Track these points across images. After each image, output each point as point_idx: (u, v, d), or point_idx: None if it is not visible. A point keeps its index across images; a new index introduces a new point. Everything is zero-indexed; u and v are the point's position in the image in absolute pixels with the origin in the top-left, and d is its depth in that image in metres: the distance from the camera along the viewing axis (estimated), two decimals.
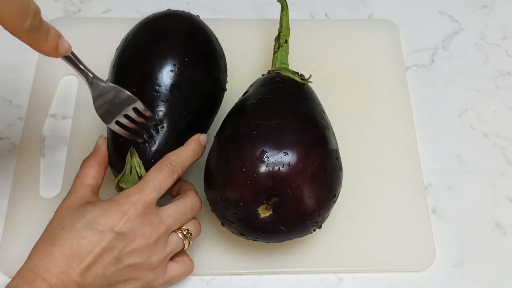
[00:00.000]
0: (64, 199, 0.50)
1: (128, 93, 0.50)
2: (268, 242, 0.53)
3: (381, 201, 0.60)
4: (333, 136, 0.53)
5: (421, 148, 0.64)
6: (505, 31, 0.74)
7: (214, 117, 0.59)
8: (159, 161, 0.51)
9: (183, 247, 0.52)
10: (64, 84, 0.67)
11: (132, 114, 0.51)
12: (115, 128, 0.51)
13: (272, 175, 0.48)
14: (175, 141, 0.53)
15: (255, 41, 0.70)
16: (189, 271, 0.54)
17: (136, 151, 0.51)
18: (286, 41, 0.61)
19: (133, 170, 0.51)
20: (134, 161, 0.51)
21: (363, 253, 0.58)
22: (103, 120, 0.50)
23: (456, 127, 0.67)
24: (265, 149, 0.48)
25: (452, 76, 0.71)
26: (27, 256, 0.46)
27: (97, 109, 0.50)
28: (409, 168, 0.63)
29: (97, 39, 0.68)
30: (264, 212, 0.50)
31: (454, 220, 0.61)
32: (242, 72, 0.65)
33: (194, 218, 0.53)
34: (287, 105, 0.52)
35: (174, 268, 0.52)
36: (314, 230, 0.53)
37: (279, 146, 0.48)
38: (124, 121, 0.51)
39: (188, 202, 0.51)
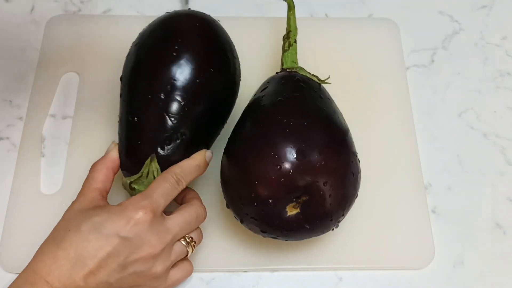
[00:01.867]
0: (73, 202, 0.50)
1: None
2: (286, 240, 0.53)
3: (381, 200, 0.60)
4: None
5: (421, 148, 0.64)
6: (505, 31, 0.74)
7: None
8: (163, 172, 0.51)
9: (187, 255, 0.52)
10: (64, 83, 0.67)
11: None
12: None
13: (306, 173, 0.48)
14: (194, 149, 0.53)
15: (256, 40, 0.70)
16: (188, 274, 0.54)
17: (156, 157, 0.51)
18: (295, 40, 0.61)
19: (149, 175, 0.51)
20: (153, 166, 0.51)
21: (363, 252, 0.58)
22: None
23: (456, 127, 0.67)
24: (300, 147, 0.48)
25: (452, 76, 0.71)
26: (27, 252, 0.46)
27: None
28: (409, 167, 0.63)
29: (97, 37, 0.68)
30: (291, 210, 0.50)
31: (454, 220, 0.61)
32: (242, 72, 0.65)
33: None
34: (314, 104, 0.53)
35: (175, 273, 0.52)
36: (333, 229, 0.53)
37: (315, 145, 0.49)
38: None
39: (194, 211, 0.51)
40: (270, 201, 0.49)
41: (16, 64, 0.68)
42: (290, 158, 0.48)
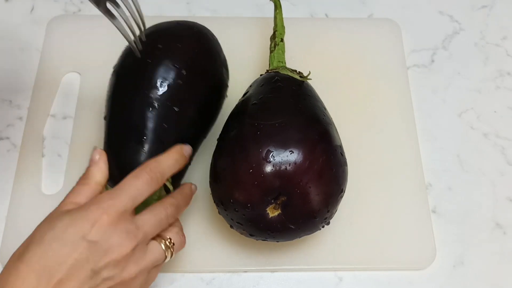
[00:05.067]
0: (50, 213, 0.46)
1: None
2: (277, 241, 0.53)
3: (382, 200, 0.61)
4: (336, 132, 0.53)
5: (421, 148, 0.64)
6: (505, 31, 0.74)
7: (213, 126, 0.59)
8: (138, 167, 0.47)
9: (165, 259, 0.48)
10: (66, 83, 0.67)
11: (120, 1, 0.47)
12: (106, 13, 0.47)
13: (279, 174, 0.48)
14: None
15: (254, 40, 0.70)
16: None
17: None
18: (282, 40, 0.61)
19: None
20: None
21: (363, 252, 0.58)
22: (93, 2, 0.47)
23: (456, 127, 0.67)
24: (270, 149, 0.48)
25: (452, 76, 0.71)
26: None
27: None
28: (410, 167, 0.63)
29: (98, 38, 0.68)
30: (272, 212, 0.50)
31: (454, 220, 0.61)
32: (241, 72, 0.65)
33: (177, 228, 0.50)
34: (289, 103, 0.52)
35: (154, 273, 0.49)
36: (323, 227, 0.53)
37: (285, 145, 0.48)
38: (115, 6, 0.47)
39: (163, 209, 0.48)
40: (249, 205, 0.49)
41: (16, 64, 0.68)
42: (260, 161, 0.48)
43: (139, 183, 0.46)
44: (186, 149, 0.52)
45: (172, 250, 0.49)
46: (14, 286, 0.41)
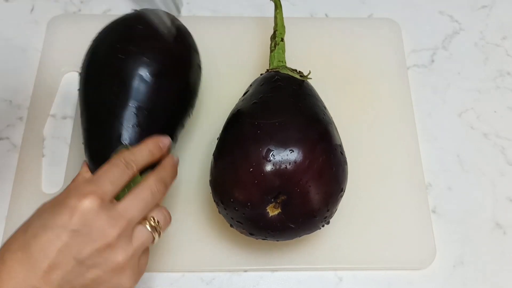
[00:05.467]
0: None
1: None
2: (277, 241, 0.53)
3: (382, 200, 0.61)
4: (336, 131, 0.53)
5: (421, 148, 0.64)
6: (505, 31, 0.74)
7: (184, 122, 0.58)
8: (112, 157, 0.48)
9: (154, 240, 0.47)
10: (65, 83, 0.67)
11: None
12: None
13: (279, 173, 0.48)
14: None
15: (254, 40, 0.70)
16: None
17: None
18: (282, 39, 0.61)
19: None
20: None
21: (363, 252, 0.58)
22: None
23: (456, 127, 0.67)
24: (270, 148, 0.48)
25: (452, 76, 0.71)
26: None
27: None
28: (410, 167, 0.63)
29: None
30: (272, 211, 0.50)
31: (454, 220, 0.61)
32: (241, 71, 0.65)
33: (159, 205, 0.49)
34: (289, 102, 0.52)
35: (144, 260, 0.48)
36: (323, 226, 0.53)
37: (284, 144, 0.48)
38: None
39: (146, 188, 0.47)
40: (249, 204, 0.49)
41: (16, 64, 0.68)
42: (260, 160, 0.48)
43: (115, 169, 0.46)
44: (164, 141, 0.51)
45: (159, 229, 0.47)
46: (3, 277, 0.40)
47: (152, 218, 0.47)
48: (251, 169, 0.48)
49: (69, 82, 0.67)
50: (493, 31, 0.74)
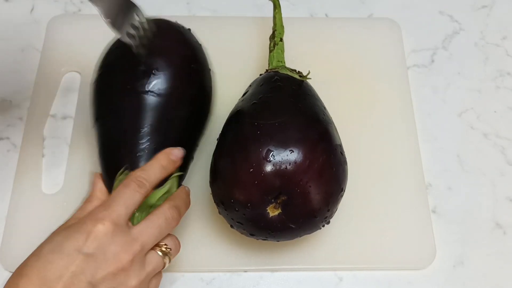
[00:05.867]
0: None
1: None
2: (278, 241, 0.53)
3: (382, 200, 0.61)
4: (336, 131, 0.53)
5: (421, 148, 0.64)
6: (505, 31, 0.74)
7: (203, 132, 0.58)
8: (126, 178, 0.48)
9: (164, 266, 0.48)
10: (66, 83, 0.67)
11: (136, 22, 0.50)
12: (127, 40, 0.50)
13: (279, 174, 0.48)
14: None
15: (253, 40, 0.70)
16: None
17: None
18: (281, 39, 0.61)
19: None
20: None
21: (363, 252, 0.58)
22: (118, 32, 0.49)
23: (456, 127, 0.67)
24: (270, 148, 0.48)
25: (452, 76, 0.71)
26: (29, 252, 0.44)
27: (109, 23, 0.48)
28: (410, 167, 0.63)
29: (98, 37, 0.68)
30: (273, 211, 0.50)
31: (454, 220, 0.61)
32: (241, 72, 0.65)
33: (171, 233, 0.50)
34: (289, 102, 0.52)
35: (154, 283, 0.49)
36: (323, 226, 0.53)
37: (285, 144, 0.48)
38: (131, 31, 0.50)
39: (161, 215, 0.48)
40: (249, 204, 0.49)
41: (16, 64, 0.68)
42: (260, 160, 0.48)
43: (127, 191, 0.47)
44: (175, 152, 0.51)
45: (169, 256, 0.48)
46: None
47: (164, 245, 0.48)
48: (251, 170, 0.48)
49: (69, 82, 0.67)
50: (493, 31, 0.74)
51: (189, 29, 0.59)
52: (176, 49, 0.56)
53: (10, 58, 0.69)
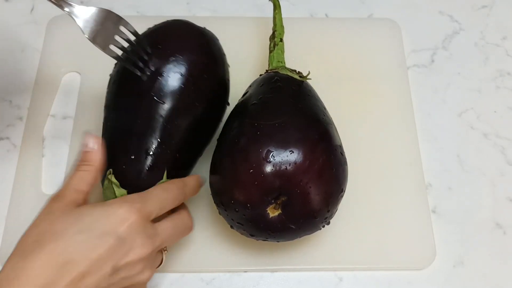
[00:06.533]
0: (53, 201, 0.45)
1: (110, 10, 0.49)
2: (278, 241, 0.53)
3: (382, 200, 0.61)
4: (336, 132, 0.53)
5: (421, 148, 0.64)
6: (505, 31, 0.74)
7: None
8: (170, 181, 0.50)
9: (161, 263, 0.50)
10: (66, 83, 0.67)
11: (124, 35, 0.50)
12: (112, 54, 0.49)
13: (279, 174, 0.48)
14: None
15: (253, 40, 0.70)
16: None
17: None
18: (281, 40, 0.61)
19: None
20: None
21: (363, 252, 0.58)
22: (99, 47, 0.49)
23: (456, 127, 0.67)
24: (270, 149, 0.48)
25: (452, 76, 0.71)
26: None
27: (89, 37, 0.48)
28: (410, 167, 0.63)
29: None
30: (273, 212, 0.50)
31: (454, 220, 0.61)
32: (241, 72, 0.65)
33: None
34: (289, 103, 0.52)
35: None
36: (323, 226, 0.53)
37: (284, 144, 0.48)
38: (118, 44, 0.50)
39: (185, 220, 0.50)
40: (249, 205, 0.49)
41: (16, 64, 0.68)
42: (260, 161, 0.48)
43: (168, 196, 0.48)
44: (202, 180, 0.54)
45: (164, 255, 0.50)
46: (31, 275, 0.40)
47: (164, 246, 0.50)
48: (251, 170, 0.48)
49: (69, 82, 0.67)
50: (493, 31, 0.74)
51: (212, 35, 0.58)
52: (197, 56, 0.55)
53: (10, 58, 0.69)
